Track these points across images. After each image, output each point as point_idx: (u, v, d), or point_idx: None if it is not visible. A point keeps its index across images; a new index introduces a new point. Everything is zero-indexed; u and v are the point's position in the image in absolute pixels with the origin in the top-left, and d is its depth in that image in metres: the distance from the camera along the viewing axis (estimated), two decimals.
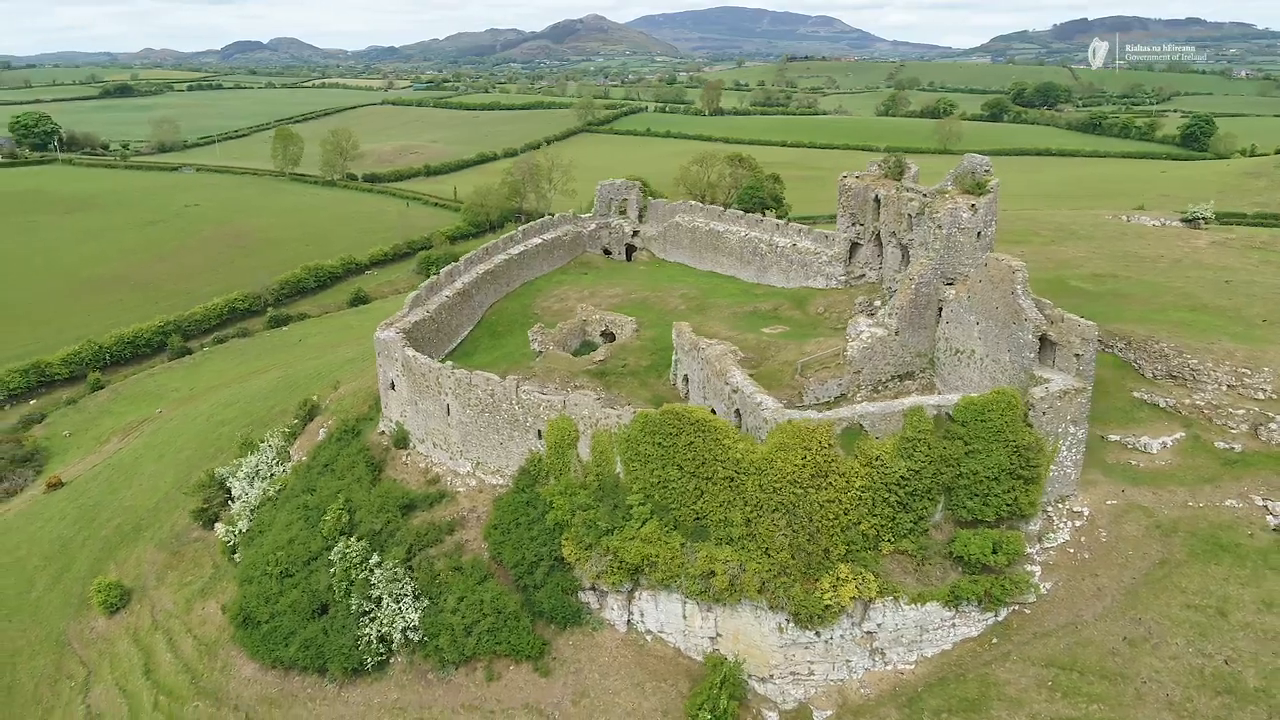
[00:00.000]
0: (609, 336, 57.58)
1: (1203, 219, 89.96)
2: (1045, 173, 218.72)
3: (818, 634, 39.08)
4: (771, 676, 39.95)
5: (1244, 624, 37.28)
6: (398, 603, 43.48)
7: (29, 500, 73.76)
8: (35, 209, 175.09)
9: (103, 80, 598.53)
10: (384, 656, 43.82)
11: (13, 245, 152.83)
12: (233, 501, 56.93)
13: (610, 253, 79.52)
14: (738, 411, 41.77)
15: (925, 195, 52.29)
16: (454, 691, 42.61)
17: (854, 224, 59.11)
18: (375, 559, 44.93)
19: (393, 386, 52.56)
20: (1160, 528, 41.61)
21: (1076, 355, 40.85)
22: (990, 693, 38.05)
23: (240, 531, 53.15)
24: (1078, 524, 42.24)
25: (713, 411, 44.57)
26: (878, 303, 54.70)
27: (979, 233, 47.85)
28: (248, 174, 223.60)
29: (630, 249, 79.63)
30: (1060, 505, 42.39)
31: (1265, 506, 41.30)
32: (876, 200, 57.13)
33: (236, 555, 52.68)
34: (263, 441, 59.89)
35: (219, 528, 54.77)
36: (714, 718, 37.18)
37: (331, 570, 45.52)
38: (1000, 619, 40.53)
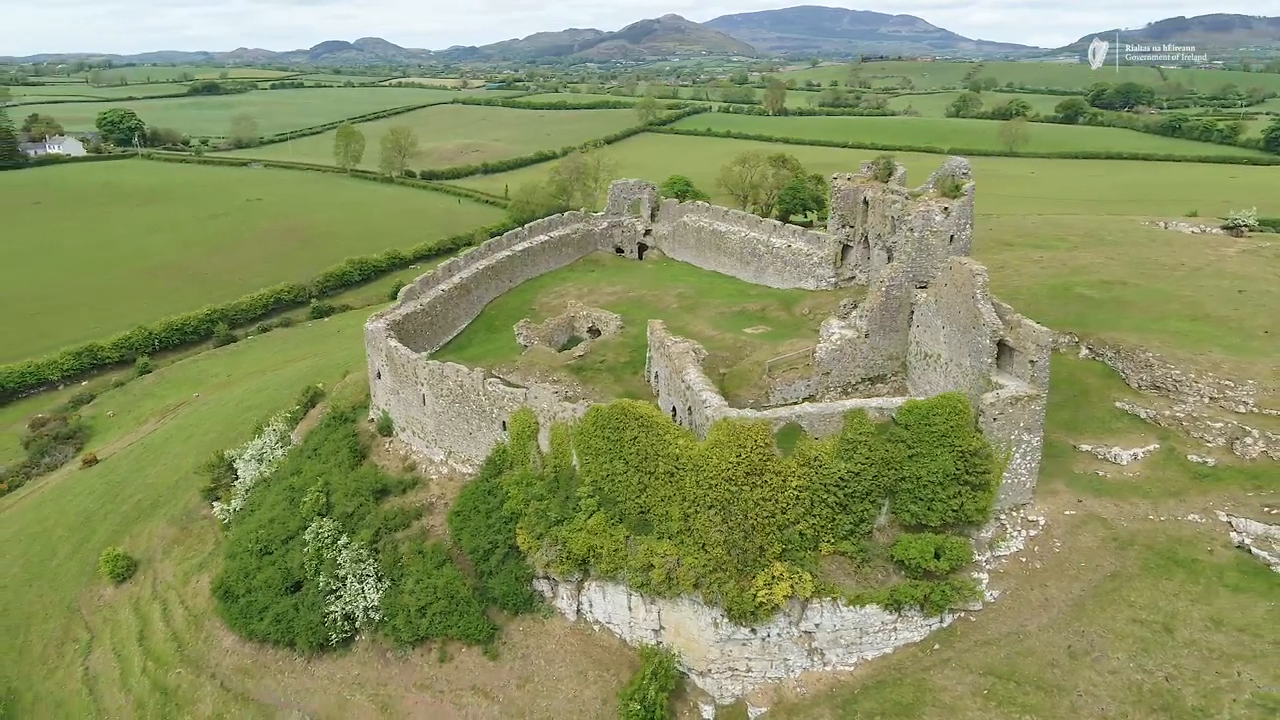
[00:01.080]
0: (595, 332, 58.56)
1: (1245, 226, 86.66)
2: (1110, 176, 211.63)
3: (754, 631, 39.39)
4: (710, 671, 40.44)
5: (1189, 641, 36.38)
6: (361, 583, 45.26)
7: (66, 475, 78.31)
8: (110, 201, 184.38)
9: (193, 79, 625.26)
10: (349, 634, 45.63)
11: (86, 235, 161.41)
12: (237, 481, 59.67)
13: (623, 251, 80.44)
14: (690, 408, 42.31)
15: (907, 198, 51.89)
16: (409, 670, 44.19)
17: (843, 225, 58.91)
18: (344, 540, 46.80)
19: (379, 376, 54.51)
20: (1117, 540, 40.75)
21: (1031, 361, 40.22)
22: (925, 698, 37.86)
23: (234, 510, 55.78)
24: (1032, 533, 41.61)
25: (674, 410, 45.35)
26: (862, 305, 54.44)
27: (952, 236, 47.33)
28: (312, 170, 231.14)
29: (642, 248, 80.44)
30: (1014, 514, 41.79)
31: (1229, 523, 40.10)
32: (865, 202, 56.84)
33: (230, 532, 55.30)
34: (267, 426, 62.58)
35: (216, 506, 57.55)
36: (643, 707, 37.80)
37: (305, 549, 47.56)
38: (945, 625, 40.24)
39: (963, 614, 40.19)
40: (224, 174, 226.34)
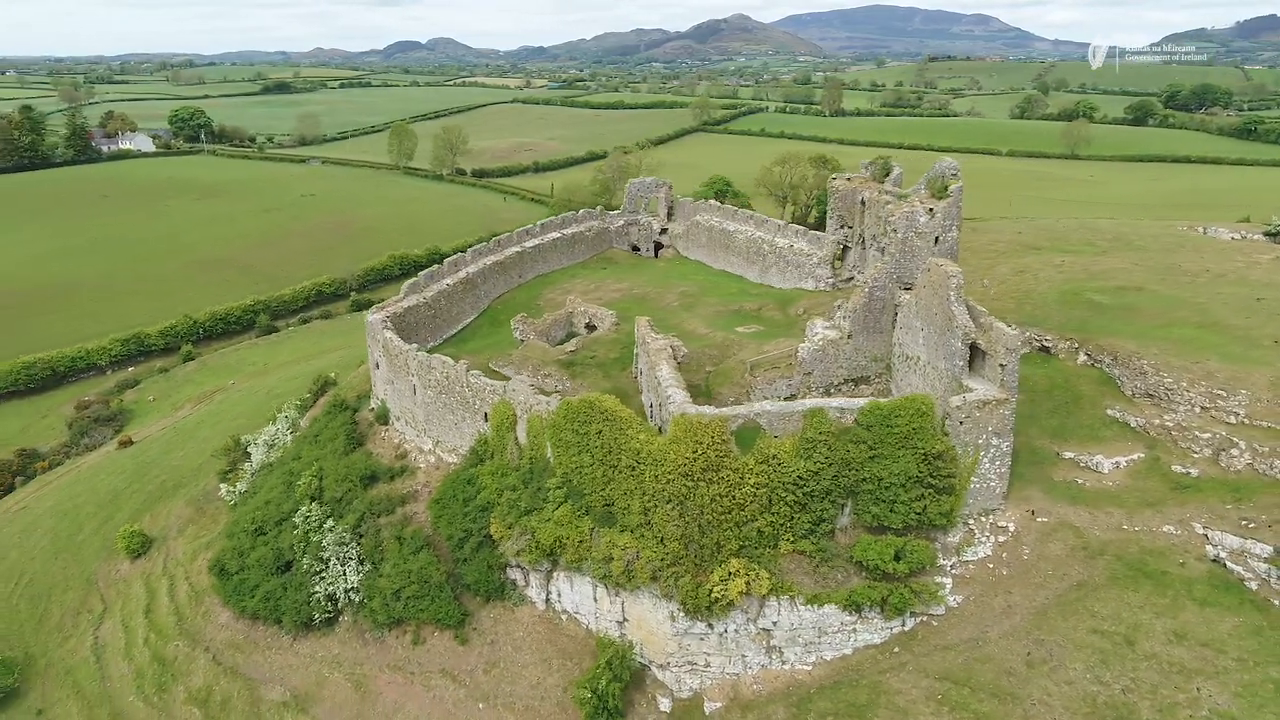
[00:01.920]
0: (592, 328, 59.27)
1: None
2: (1173, 180, 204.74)
3: (710, 626, 39.65)
4: (669, 664, 40.84)
5: (1150, 654, 35.58)
6: (343, 565, 46.80)
7: (102, 455, 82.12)
8: (173, 194, 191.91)
9: (266, 78, 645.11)
10: (331, 614, 47.19)
11: (147, 227, 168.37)
12: (247, 465, 61.97)
13: (639, 249, 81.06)
14: (660, 404, 42.76)
15: (899, 199, 51.46)
16: (385, 651, 45.57)
17: (842, 226, 58.61)
18: (330, 523, 48.40)
19: (377, 366, 56.11)
20: (1087, 549, 39.96)
21: (1001, 365, 39.71)
22: (879, 700, 37.72)
23: (240, 492, 58.00)
24: (1001, 539, 41.05)
25: (650, 405, 45.85)
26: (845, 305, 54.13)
27: (937, 238, 46.85)
28: (366, 167, 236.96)
29: (658, 246, 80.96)
30: (983, 519, 41.27)
31: (1205, 535, 38.98)
32: (862, 203, 56.49)
33: (235, 513, 57.51)
34: (280, 413, 64.84)
35: (223, 488, 59.87)
36: (594, 695, 38.44)
37: (295, 531, 49.31)
38: (906, 628, 40.04)
39: (925, 618, 39.92)
40: (283, 170, 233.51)
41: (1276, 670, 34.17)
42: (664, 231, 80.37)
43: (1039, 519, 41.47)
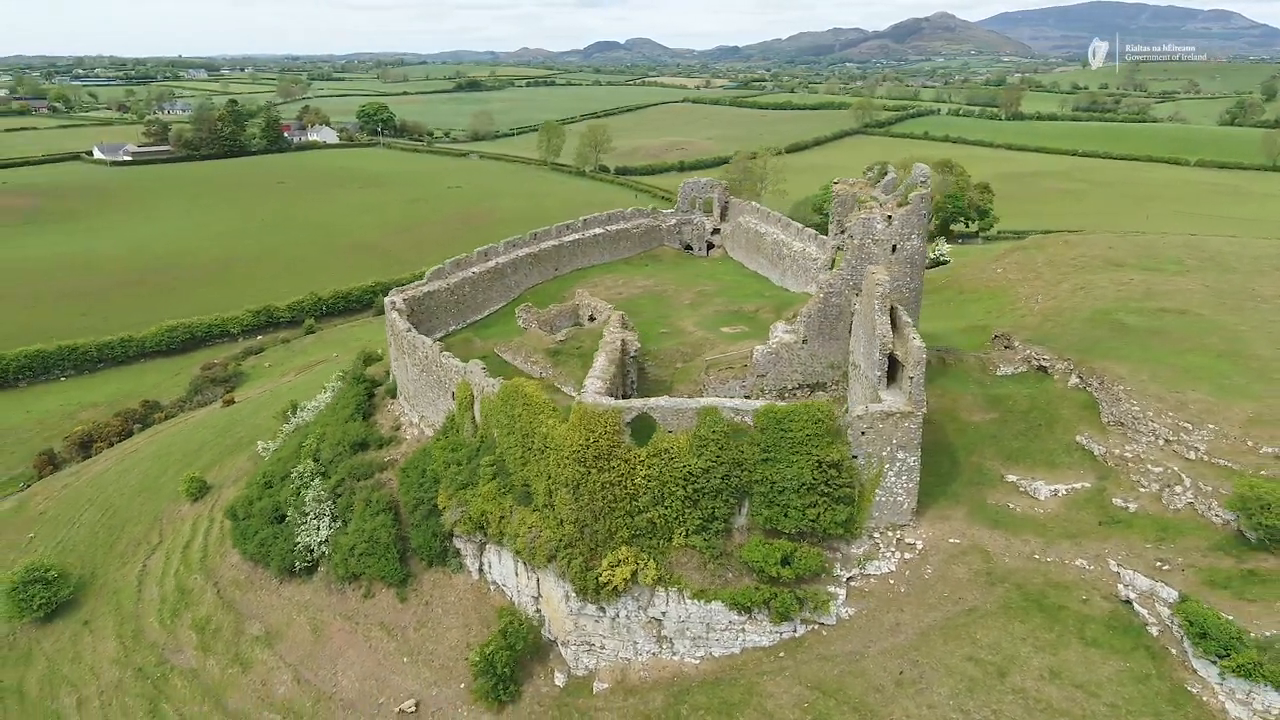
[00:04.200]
0: (594, 320, 61.43)
1: None
2: None
3: (602, 610, 41.13)
4: (569, 642, 42.69)
5: (1018, 688, 34.12)
6: (318, 520, 51.58)
7: (207, 411, 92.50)
8: (341, 183, 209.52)
9: (464, 77, 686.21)
10: (311, 564, 52.11)
11: (310, 212, 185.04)
12: (285, 426, 68.61)
13: (691, 248, 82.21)
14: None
15: (883, 205, 50.37)
16: (343, 601, 49.96)
17: (841, 231, 57.59)
18: (316, 482, 53.38)
19: (391, 344, 60.83)
20: (990, 575, 38.42)
21: (910, 378, 38.76)
22: (750, 701, 38.14)
23: (272, 449, 64.49)
24: (907, 556, 40.12)
25: None
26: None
27: (894, 245, 45.77)
28: (518, 162, 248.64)
29: (710, 245, 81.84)
30: (889, 534, 40.38)
31: (1118, 574, 36.51)
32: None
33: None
34: (328, 382, 71.22)
35: (259, 444, 66.66)
36: (483, 660, 40.92)
37: (291, 486, 54.69)
38: (797, 634, 40.01)
39: (816, 626, 39.69)
40: (442, 163, 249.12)
41: None
42: (715, 231, 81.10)
43: (951, 540, 40.13)
